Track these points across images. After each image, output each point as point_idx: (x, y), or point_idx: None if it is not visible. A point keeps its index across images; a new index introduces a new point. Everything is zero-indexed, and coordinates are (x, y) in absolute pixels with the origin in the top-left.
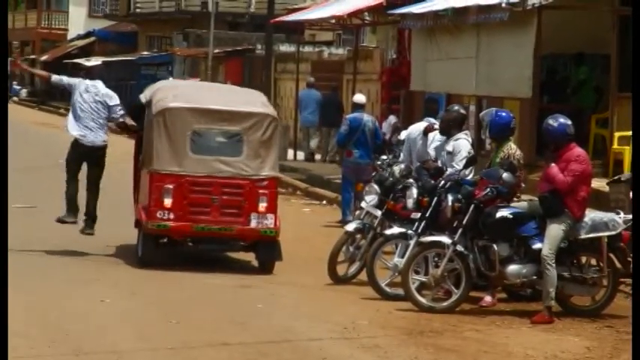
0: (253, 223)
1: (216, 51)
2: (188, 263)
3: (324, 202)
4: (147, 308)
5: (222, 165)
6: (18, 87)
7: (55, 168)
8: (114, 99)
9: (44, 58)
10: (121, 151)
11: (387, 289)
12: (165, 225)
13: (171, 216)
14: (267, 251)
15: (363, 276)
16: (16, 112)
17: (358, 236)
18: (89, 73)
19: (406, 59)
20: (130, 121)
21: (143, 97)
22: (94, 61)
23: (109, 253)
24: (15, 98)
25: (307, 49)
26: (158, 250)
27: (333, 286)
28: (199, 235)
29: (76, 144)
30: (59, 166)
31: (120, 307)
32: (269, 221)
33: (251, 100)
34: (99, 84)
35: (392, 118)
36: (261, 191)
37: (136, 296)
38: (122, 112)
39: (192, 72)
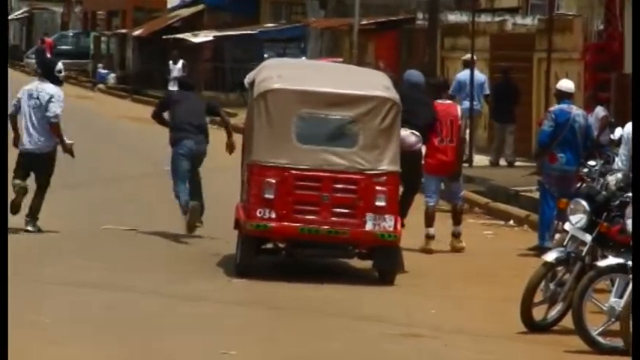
0: (369, 225)
1: (364, 22)
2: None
3: (512, 222)
4: None
5: (333, 157)
6: (104, 71)
7: (156, 177)
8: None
9: (137, 32)
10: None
11: (601, 339)
12: (266, 225)
13: (273, 215)
14: (386, 259)
15: (568, 322)
16: (102, 104)
17: (561, 269)
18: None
19: (617, 31)
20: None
21: (247, 79)
22: (203, 37)
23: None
24: (101, 86)
25: (484, 18)
26: (258, 256)
27: (527, 335)
28: (305, 239)
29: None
30: (165, 174)
31: None
32: (388, 223)
33: (370, 82)
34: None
35: (600, 111)
36: (378, 188)
37: (269, 345)
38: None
39: (333, 50)
